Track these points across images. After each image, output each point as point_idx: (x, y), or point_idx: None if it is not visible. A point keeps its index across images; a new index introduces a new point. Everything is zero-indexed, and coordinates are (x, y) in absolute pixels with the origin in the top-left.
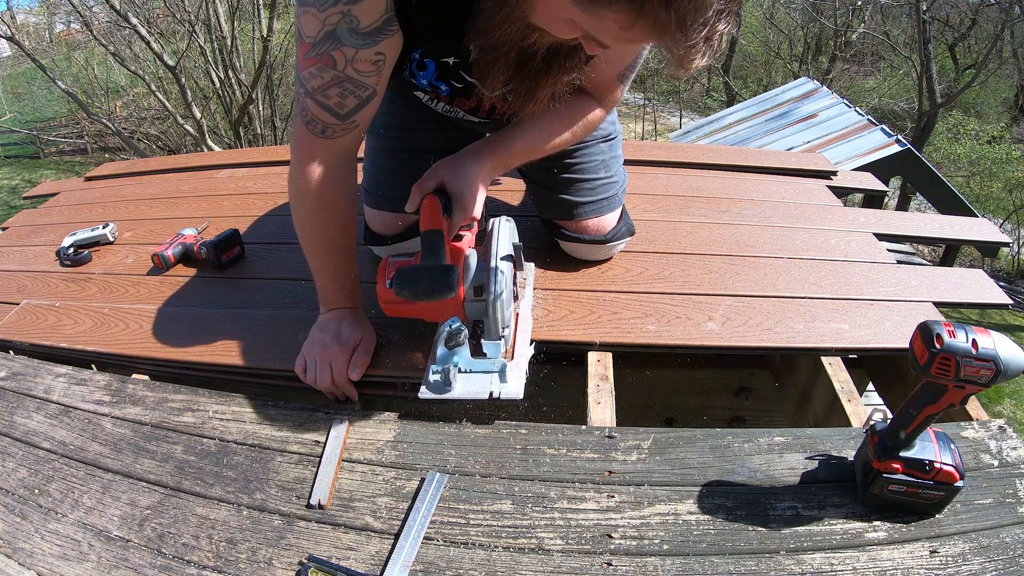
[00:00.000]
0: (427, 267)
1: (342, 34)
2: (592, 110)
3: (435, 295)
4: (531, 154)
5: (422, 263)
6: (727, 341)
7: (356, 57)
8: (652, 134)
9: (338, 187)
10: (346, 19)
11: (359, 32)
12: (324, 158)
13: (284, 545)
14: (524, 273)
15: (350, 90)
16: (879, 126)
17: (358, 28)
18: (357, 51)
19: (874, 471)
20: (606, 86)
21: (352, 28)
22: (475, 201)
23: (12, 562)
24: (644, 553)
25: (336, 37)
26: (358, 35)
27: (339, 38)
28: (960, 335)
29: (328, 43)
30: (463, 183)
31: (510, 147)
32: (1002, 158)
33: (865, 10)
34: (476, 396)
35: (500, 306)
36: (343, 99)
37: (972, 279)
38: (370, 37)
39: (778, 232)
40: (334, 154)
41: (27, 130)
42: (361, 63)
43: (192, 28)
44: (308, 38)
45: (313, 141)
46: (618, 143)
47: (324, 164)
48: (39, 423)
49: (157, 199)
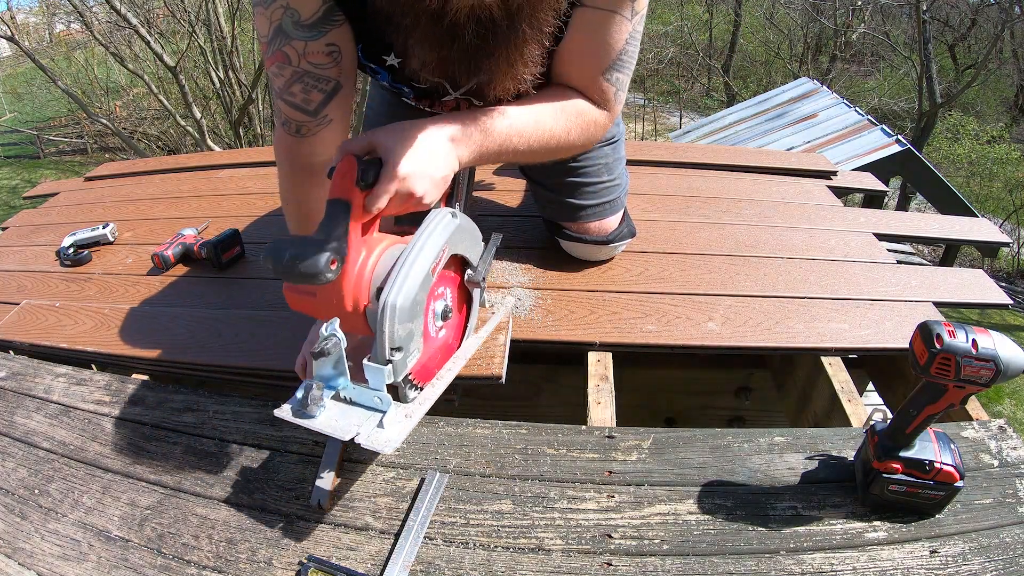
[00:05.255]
0: (301, 239)
1: (287, 28)
2: (591, 112)
3: (293, 273)
4: (516, 141)
5: (303, 236)
6: (727, 341)
7: (307, 50)
8: (652, 134)
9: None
10: (288, 12)
11: (303, 24)
12: (306, 159)
13: (284, 545)
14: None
15: (312, 84)
16: (879, 126)
17: (301, 20)
18: (306, 44)
19: (874, 471)
20: (590, 85)
21: (295, 21)
22: (413, 171)
23: (12, 562)
24: (644, 553)
25: (283, 32)
26: (303, 27)
27: (286, 32)
28: (960, 335)
29: (278, 39)
30: (397, 142)
31: (486, 123)
32: (1002, 158)
33: (865, 10)
34: (337, 435)
35: (393, 319)
36: (307, 94)
37: (972, 279)
38: (315, 28)
39: (778, 232)
40: (314, 153)
41: (27, 130)
42: (314, 55)
43: (192, 28)
44: (263, 38)
45: (291, 142)
46: (621, 145)
47: (306, 165)
48: (39, 423)
49: (157, 199)
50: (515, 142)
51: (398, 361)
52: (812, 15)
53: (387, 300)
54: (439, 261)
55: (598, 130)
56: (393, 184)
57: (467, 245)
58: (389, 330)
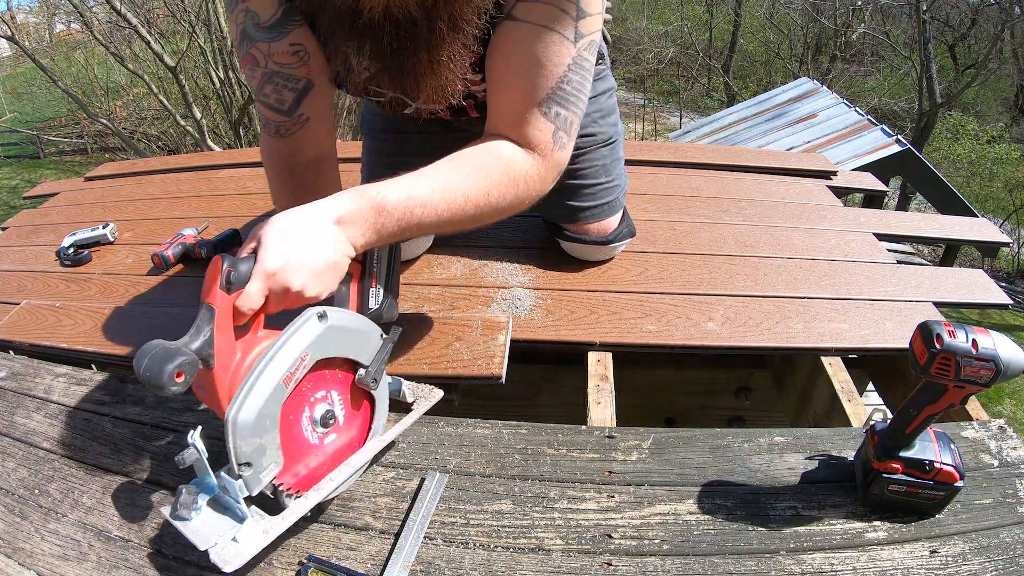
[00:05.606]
0: (163, 347)
1: (250, 30)
2: (519, 164)
3: (146, 384)
4: (422, 213)
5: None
6: (727, 341)
7: (271, 51)
8: (652, 134)
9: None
10: (249, 16)
11: (263, 26)
12: (289, 159)
13: (284, 545)
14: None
15: (282, 84)
16: (879, 126)
17: (261, 23)
18: (269, 44)
19: (874, 471)
20: (522, 121)
21: (256, 23)
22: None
23: (12, 562)
24: (644, 553)
25: (247, 35)
26: (263, 29)
27: (249, 35)
28: (960, 335)
29: (245, 42)
30: (271, 234)
31: (381, 199)
32: (1002, 158)
33: (865, 10)
34: (198, 544)
35: (235, 435)
36: (280, 94)
37: (972, 279)
38: (275, 29)
39: (778, 232)
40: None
41: (27, 130)
42: (279, 55)
43: (192, 28)
44: (234, 42)
45: (272, 143)
46: (619, 146)
47: (290, 165)
48: (39, 423)
49: (157, 199)
50: (420, 215)
51: (249, 476)
52: (812, 15)
53: (228, 416)
54: (295, 371)
55: (530, 187)
56: (263, 281)
57: (348, 346)
58: (233, 446)
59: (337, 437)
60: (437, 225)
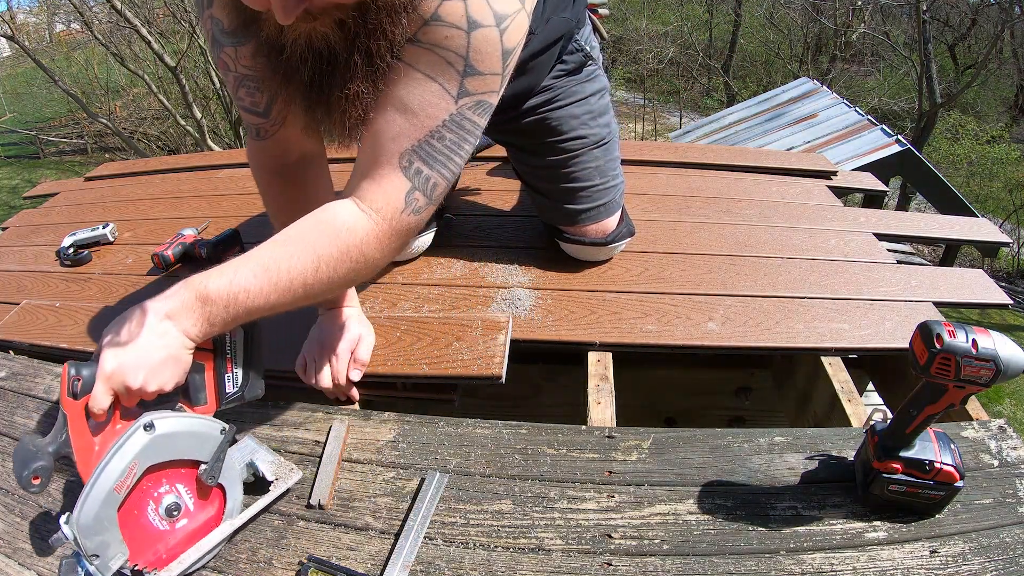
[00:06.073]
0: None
1: (218, 36)
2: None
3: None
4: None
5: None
6: (727, 341)
7: (239, 55)
8: (652, 134)
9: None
10: (215, 22)
11: (228, 32)
12: (271, 162)
13: (284, 545)
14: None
15: (254, 87)
16: (879, 126)
17: (225, 29)
18: (236, 49)
19: (874, 471)
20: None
21: (221, 30)
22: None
23: (12, 562)
24: (644, 553)
25: (216, 40)
26: (228, 35)
27: (218, 40)
28: (960, 335)
29: (215, 47)
30: (109, 338)
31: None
32: (1002, 158)
33: (865, 10)
34: None
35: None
36: (253, 96)
37: (972, 279)
38: (238, 35)
39: (778, 232)
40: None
41: (27, 130)
42: (245, 59)
43: (192, 28)
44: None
45: (255, 146)
46: (613, 146)
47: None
48: (39, 423)
49: (157, 199)
50: (244, 300)
51: (99, 564)
52: (812, 15)
53: (71, 518)
54: (126, 479)
55: (367, 258)
56: (104, 384)
57: (182, 448)
58: (79, 543)
59: (189, 521)
60: (269, 307)
